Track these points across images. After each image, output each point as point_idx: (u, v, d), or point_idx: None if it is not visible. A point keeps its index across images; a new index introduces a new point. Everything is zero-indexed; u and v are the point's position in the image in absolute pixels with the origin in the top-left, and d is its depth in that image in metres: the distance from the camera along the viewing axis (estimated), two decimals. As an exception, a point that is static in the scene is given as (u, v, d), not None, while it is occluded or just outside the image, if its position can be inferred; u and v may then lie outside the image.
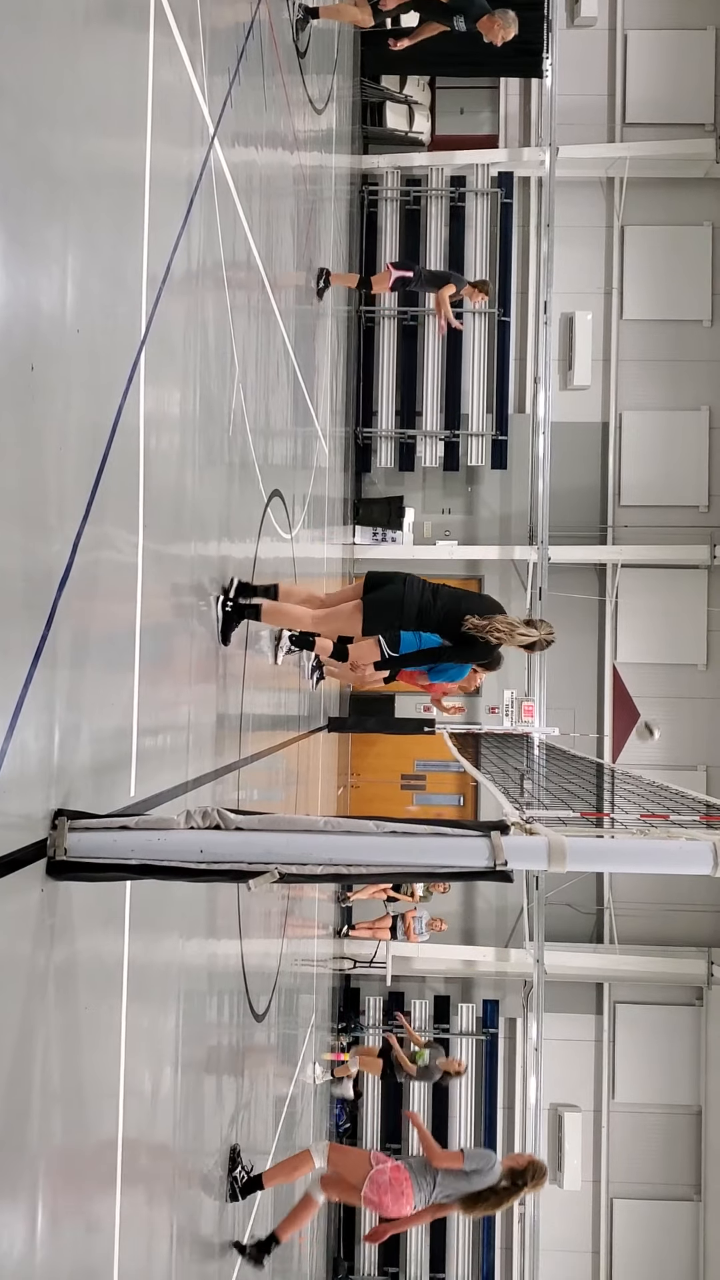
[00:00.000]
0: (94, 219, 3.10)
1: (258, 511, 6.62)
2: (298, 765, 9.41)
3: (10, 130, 2.45)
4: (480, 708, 16.13)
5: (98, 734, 3.23)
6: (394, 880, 3.37)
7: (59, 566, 2.84)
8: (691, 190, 16.94)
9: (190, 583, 4.68)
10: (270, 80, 6.82)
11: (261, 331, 6.60)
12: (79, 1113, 3.12)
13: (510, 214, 17.14)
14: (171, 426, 4.20)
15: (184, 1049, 4.62)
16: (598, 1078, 16.30)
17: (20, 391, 2.55)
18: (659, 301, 16.95)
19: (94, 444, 3.15)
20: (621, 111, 17.11)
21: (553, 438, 16.23)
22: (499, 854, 2.78)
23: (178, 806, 4.17)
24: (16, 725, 2.56)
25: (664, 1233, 15.97)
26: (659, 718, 16.68)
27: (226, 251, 5.23)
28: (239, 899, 6.12)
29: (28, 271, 2.59)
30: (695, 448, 16.78)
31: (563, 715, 15.92)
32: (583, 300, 17.00)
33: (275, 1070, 8.08)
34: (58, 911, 2.86)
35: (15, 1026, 2.62)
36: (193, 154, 4.54)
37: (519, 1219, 15.86)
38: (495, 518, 17.06)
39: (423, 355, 17.00)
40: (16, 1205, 2.65)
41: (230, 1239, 5.99)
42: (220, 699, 5.41)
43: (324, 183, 10.80)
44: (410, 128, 17.36)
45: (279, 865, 2.81)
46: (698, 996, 16.23)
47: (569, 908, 16.11)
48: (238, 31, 5.60)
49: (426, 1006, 16.29)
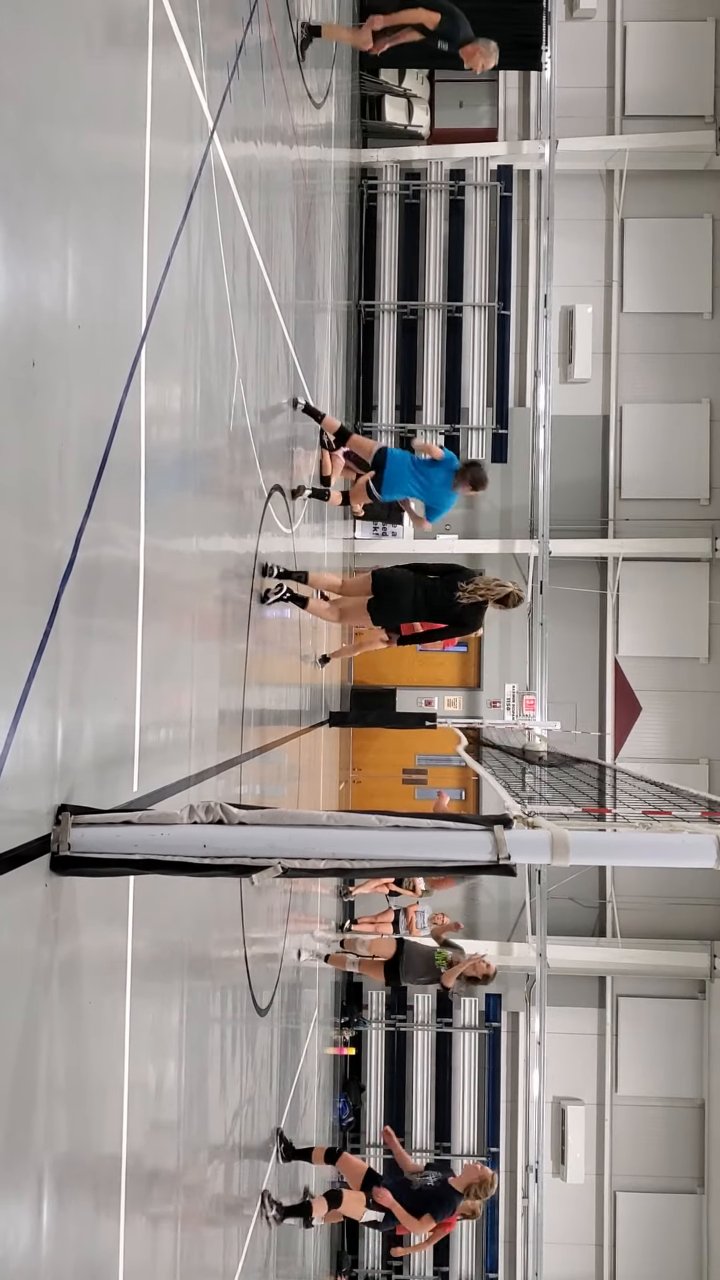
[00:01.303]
0: (94, 214, 3.10)
1: (258, 506, 6.62)
2: (300, 760, 9.42)
3: (10, 125, 2.45)
4: (481, 702, 16.14)
5: (101, 729, 3.24)
6: (397, 875, 3.37)
7: (61, 562, 2.84)
8: (691, 182, 16.91)
9: (192, 578, 4.68)
10: (269, 75, 6.81)
11: (261, 326, 6.59)
12: (83, 1108, 3.13)
13: (510, 207, 17.12)
14: (173, 421, 4.20)
15: (188, 1044, 4.63)
16: (600, 1071, 16.33)
17: (21, 387, 2.55)
18: (659, 294, 16.94)
19: (95, 439, 3.15)
20: (621, 104, 17.09)
21: (553, 431, 16.22)
22: (502, 848, 2.79)
23: (181, 801, 4.17)
24: (20, 720, 2.57)
25: (667, 1225, 16.00)
26: (660, 711, 16.69)
27: (226, 246, 5.22)
28: (242, 894, 6.13)
29: (28, 266, 2.59)
30: (696, 440, 16.77)
31: (564, 709, 15.93)
32: (583, 293, 16.98)
33: (279, 1064, 8.10)
34: (61, 907, 2.87)
35: (19, 1022, 2.62)
36: (192, 149, 4.53)
37: (522, 1212, 15.91)
38: (496, 511, 17.05)
39: (423, 349, 16.99)
40: (21, 1200, 2.65)
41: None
42: (222, 694, 5.41)
43: (323, 177, 10.78)
44: (409, 121, 17.34)
45: (282, 860, 2.82)
46: (700, 990, 16.25)
47: (571, 901, 16.13)
48: (236, 26, 5.59)
49: (429, 1000, 16.32)
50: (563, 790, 4.83)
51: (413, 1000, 16.29)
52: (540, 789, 5.53)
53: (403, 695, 16.35)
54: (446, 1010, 16.30)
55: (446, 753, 14.97)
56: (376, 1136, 16.00)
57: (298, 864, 2.83)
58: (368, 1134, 16.07)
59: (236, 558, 5.84)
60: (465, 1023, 16.22)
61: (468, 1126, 16.10)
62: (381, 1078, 16.18)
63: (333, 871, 2.88)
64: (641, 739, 16.59)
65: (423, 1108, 16.14)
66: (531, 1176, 15.46)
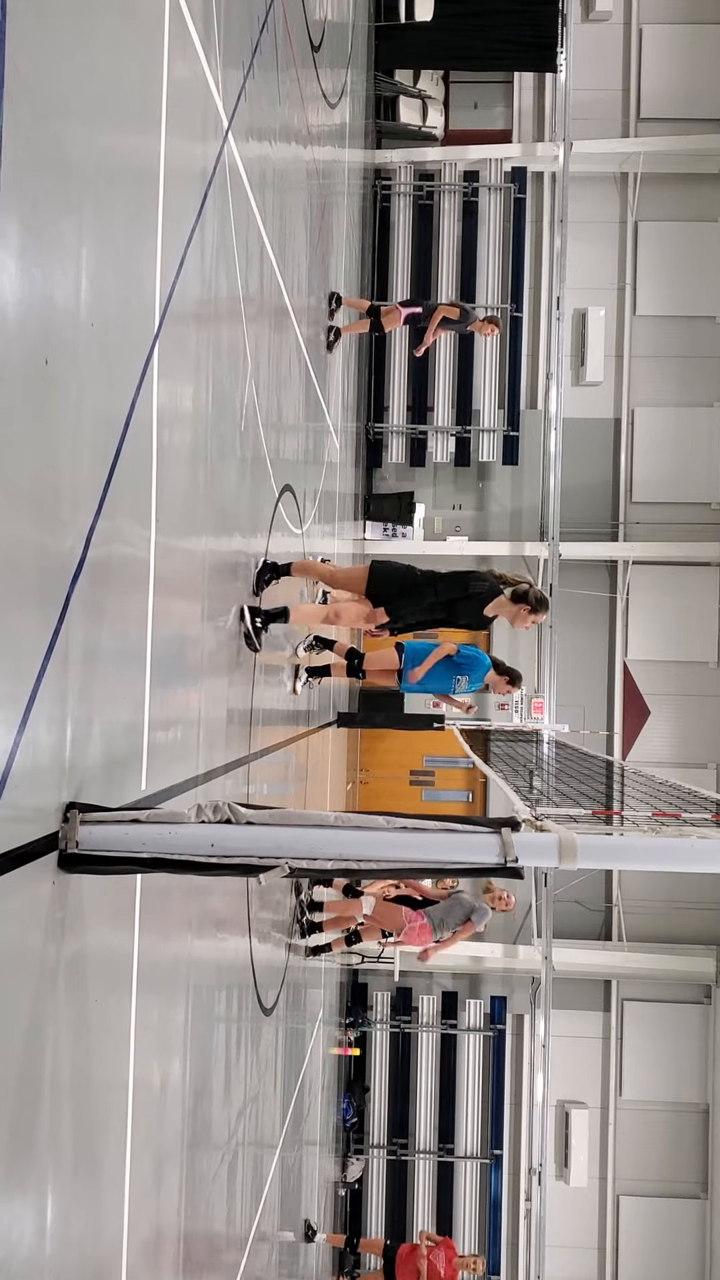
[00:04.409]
0: (108, 212, 3.10)
1: (269, 506, 6.62)
2: (307, 760, 9.42)
3: (25, 123, 2.45)
4: (490, 704, 16.12)
5: (109, 727, 3.24)
6: (404, 876, 3.37)
7: (72, 560, 2.84)
8: (705, 185, 16.87)
9: (203, 577, 4.68)
10: (284, 74, 6.81)
11: (274, 326, 6.59)
12: (88, 1105, 3.13)
13: (523, 209, 17.10)
14: (184, 421, 4.20)
15: (193, 1042, 4.63)
16: (605, 1075, 16.30)
17: (35, 385, 2.55)
18: (672, 297, 16.90)
19: (107, 438, 3.15)
20: (636, 106, 17.06)
21: (564, 433, 16.19)
22: (509, 850, 2.78)
23: (188, 800, 4.17)
24: (29, 718, 2.57)
25: (670, 1230, 15.97)
26: (669, 715, 16.66)
27: (240, 246, 5.22)
28: (248, 893, 6.13)
29: (42, 264, 2.59)
30: (707, 444, 16.73)
31: (572, 712, 15.91)
32: (595, 296, 16.95)
33: (283, 1063, 8.10)
34: (68, 904, 2.87)
35: (26, 1018, 2.63)
36: (207, 148, 4.54)
37: (525, 1215, 15.88)
38: (506, 513, 17.04)
39: (434, 351, 16.97)
40: (26, 1197, 2.65)
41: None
42: (231, 694, 5.41)
43: (337, 177, 10.78)
44: (424, 122, 17.32)
45: (289, 860, 2.81)
46: (706, 994, 16.21)
47: (578, 905, 16.10)
48: (252, 25, 5.59)
49: (434, 1002, 16.31)
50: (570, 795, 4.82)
51: (417, 1001, 16.28)
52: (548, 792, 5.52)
53: (410, 697, 16.33)
54: (451, 1012, 16.29)
55: (454, 754, 14.95)
56: (379, 1138, 16.01)
57: (305, 864, 2.83)
58: (371, 1135, 16.06)
59: (247, 557, 5.84)
60: (470, 1024, 16.21)
61: (471, 1128, 16.08)
62: (386, 1079, 16.16)
63: (339, 872, 2.88)
64: (650, 743, 16.56)
65: (427, 1109, 16.13)
66: (535, 1179, 15.43)
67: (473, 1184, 15.94)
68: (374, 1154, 16.00)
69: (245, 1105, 6.23)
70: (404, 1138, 16.05)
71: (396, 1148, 16.05)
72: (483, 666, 7.70)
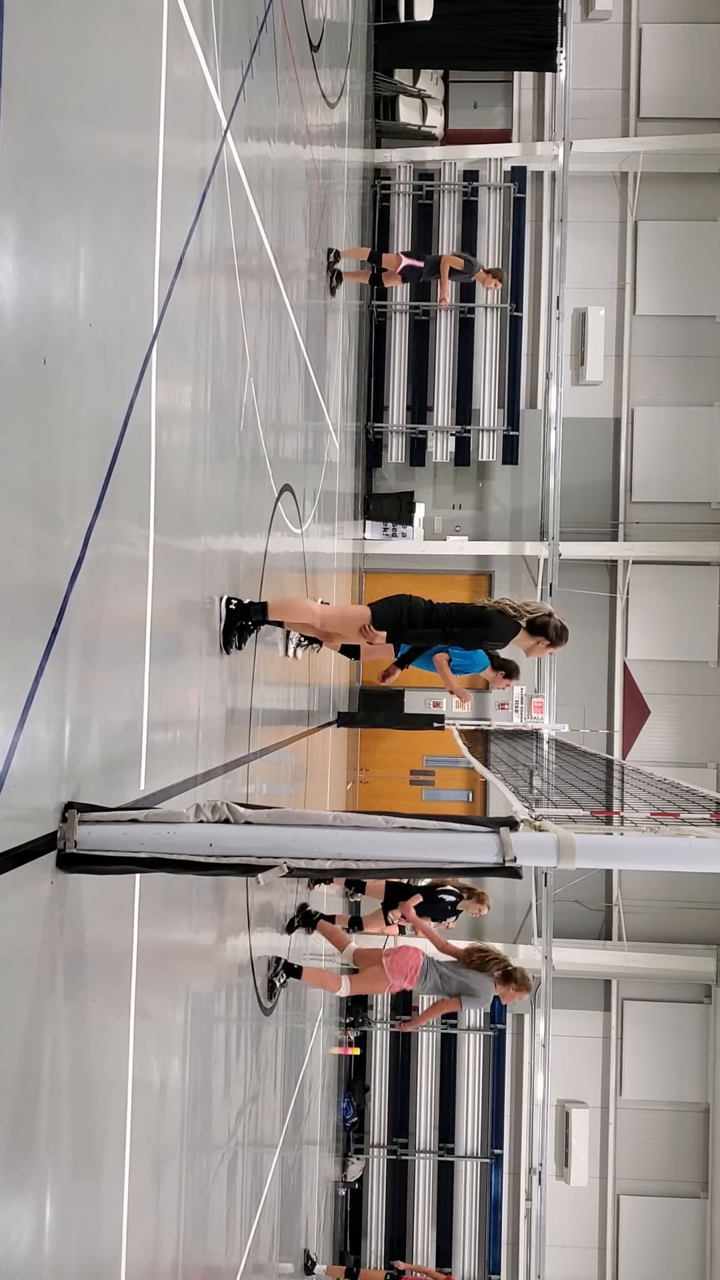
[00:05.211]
0: (106, 212, 3.10)
1: (268, 506, 6.61)
2: (307, 760, 9.41)
3: (22, 122, 2.45)
4: (490, 703, 16.12)
5: (108, 727, 3.24)
6: (403, 876, 3.36)
7: (70, 560, 2.84)
8: (705, 185, 16.87)
9: (201, 577, 4.68)
10: (283, 74, 6.81)
11: (273, 326, 6.59)
12: (87, 1105, 3.13)
13: (523, 209, 17.09)
14: (183, 421, 4.20)
15: (192, 1041, 4.63)
16: (605, 1074, 16.30)
17: (33, 385, 2.55)
18: (672, 297, 16.90)
19: (106, 438, 3.15)
20: (636, 106, 17.06)
21: (564, 433, 16.19)
22: (508, 850, 2.78)
23: (187, 800, 4.17)
24: (28, 718, 2.57)
25: (670, 1230, 15.97)
26: (669, 714, 16.66)
27: (239, 245, 5.22)
28: (248, 893, 6.13)
29: (40, 265, 2.59)
30: (707, 444, 16.73)
31: (572, 712, 15.90)
32: (595, 295, 16.95)
33: (283, 1063, 8.09)
34: (67, 903, 2.87)
35: (24, 1018, 2.63)
36: (205, 147, 4.53)
37: (525, 1215, 15.89)
38: (506, 513, 17.03)
39: (434, 350, 16.98)
40: (25, 1196, 2.65)
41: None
42: (230, 693, 5.41)
43: (336, 177, 10.78)
44: (423, 122, 17.33)
45: (288, 859, 2.81)
46: (706, 994, 16.21)
47: (577, 904, 16.10)
48: (251, 25, 5.59)
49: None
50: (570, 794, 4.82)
51: (417, 1001, 16.25)
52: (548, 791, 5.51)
53: (411, 696, 16.33)
54: (452, 1013, 16.27)
55: (454, 754, 14.96)
56: (379, 1137, 16.01)
57: (303, 864, 2.83)
58: (371, 1135, 16.06)
59: (246, 557, 5.84)
60: (470, 1024, 16.20)
61: (472, 1128, 16.08)
62: (386, 1078, 16.16)
63: (338, 871, 2.87)
64: (650, 742, 16.55)
65: (427, 1109, 16.13)
66: (535, 1179, 15.43)
67: (473, 1183, 15.94)
68: (374, 1153, 16.00)
69: (245, 1105, 6.23)
70: (404, 1137, 16.05)
71: (397, 1147, 16.05)
72: (479, 664, 7.66)
